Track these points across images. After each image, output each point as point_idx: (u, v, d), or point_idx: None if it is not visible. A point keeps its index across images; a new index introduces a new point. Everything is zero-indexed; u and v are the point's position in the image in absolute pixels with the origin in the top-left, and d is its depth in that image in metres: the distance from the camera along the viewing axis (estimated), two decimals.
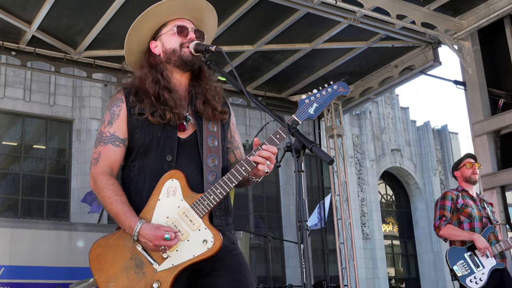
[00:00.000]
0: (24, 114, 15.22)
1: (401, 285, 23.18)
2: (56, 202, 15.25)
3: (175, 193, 2.48)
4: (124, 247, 2.48)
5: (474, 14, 8.25)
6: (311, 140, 2.17)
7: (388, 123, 23.13)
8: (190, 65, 2.65)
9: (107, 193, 2.51)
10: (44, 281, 8.72)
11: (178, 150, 2.57)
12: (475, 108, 8.30)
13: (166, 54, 2.67)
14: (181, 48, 2.64)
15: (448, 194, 5.53)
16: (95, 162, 2.60)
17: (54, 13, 7.57)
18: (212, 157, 2.59)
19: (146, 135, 2.57)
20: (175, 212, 2.47)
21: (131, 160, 2.62)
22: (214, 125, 2.66)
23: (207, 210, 2.45)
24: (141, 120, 2.57)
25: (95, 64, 8.83)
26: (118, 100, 2.65)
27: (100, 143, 2.60)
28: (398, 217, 23.49)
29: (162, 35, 2.70)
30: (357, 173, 21.38)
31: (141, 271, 2.43)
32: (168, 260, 2.43)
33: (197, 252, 2.42)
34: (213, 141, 2.63)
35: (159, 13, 2.68)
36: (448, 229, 5.36)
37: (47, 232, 9.26)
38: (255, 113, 18.68)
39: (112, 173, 2.59)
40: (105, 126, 2.62)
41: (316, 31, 8.61)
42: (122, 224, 2.46)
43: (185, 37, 2.66)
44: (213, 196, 2.45)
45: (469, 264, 5.26)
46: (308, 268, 2.06)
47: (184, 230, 2.44)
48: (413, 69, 9.49)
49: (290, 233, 18.22)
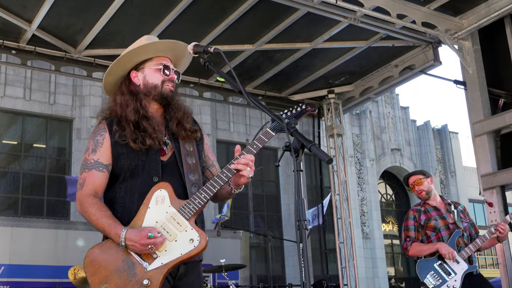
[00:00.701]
0: (24, 113, 15.23)
1: (401, 284, 23.19)
2: (56, 201, 15.26)
3: (163, 201, 2.67)
4: (116, 252, 2.62)
5: (474, 13, 8.24)
6: (310, 140, 2.18)
7: (388, 122, 23.13)
8: (167, 101, 2.89)
9: (92, 211, 2.67)
10: (44, 280, 8.75)
11: (162, 171, 2.77)
12: (475, 107, 8.29)
13: (146, 88, 2.88)
14: (162, 85, 2.87)
15: (410, 214, 5.64)
16: (80, 187, 2.77)
17: (54, 12, 7.56)
18: (193, 172, 2.82)
19: (131, 160, 2.76)
20: (164, 216, 2.64)
21: (119, 182, 2.80)
22: (190, 145, 2.88)
23: (193, 213, 2.62)
24: (125, 146, 2.77)
25: (95, 63, 8.83)
26: (101, 129, 2.83)
27: (85, 170, 2.79)
28: (398, 216, 23.49)
29: (145, 68, 2.92)
30: (357, 172, 21.39)
31: (132, 271, 2.57)
32: (158, 260, 2.58)
33: (184, 250, 2.58)
34: (191, 158, 2.85)
35: (150, 50, 2.91)
36: (415, 248, 5.46)
37: (47, 231, 9.29)
38: (255, 112, 18.70)
39: (97, 195, 2.76)
40: (89, 154, 2.80)
41: (316, 31, 8.61)
42: (110, 234, 2.62)
43: (167, 76, 2.90)
44: (198, 200, 2.63)
45: (440, 274, 5.26)
46: (308, 267, 2.08)
47: (172, 231, 2.61)
48: (413, 69, 9.48)
49: (290, 232, 18.21)
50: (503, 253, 7.57)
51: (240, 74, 2.45)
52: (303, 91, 10.51)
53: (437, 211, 5.55)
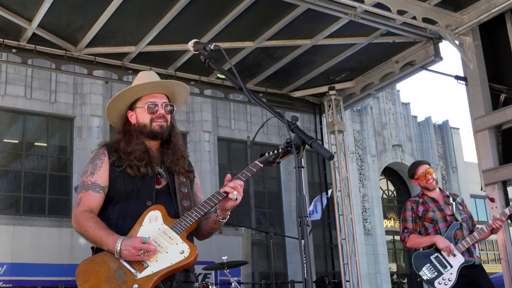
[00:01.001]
0: (25, 112, 15.24)
1: (402, 280, 23.22)
2: (57, 200, 15.28)
3: (156, 220, 2.79)
4: (109, 262, 2.69)
5: (475, 9, 8.22)
6: (311, 136, 2.17)
7: (389, 118, 23.13)
8: (160, 137, 3.03)
9: (87, 224, 2.78)
10: (46, 278, 8.76)
11: (156, 197, 2.92)
12: (476, 103, 8.28)
13: (139, 127, 3.03)
14: (151, 123, 3.00)
15: (408, 205, 5.68)
16: (77, 206, 2.89)
17: (54, 10, 7.56)
18: (185, 199, 2.97)
19: (127, 185, 2.90)
20: (156, 232, 2.75)
21: (112, 205, 2.92)
22: (183, 177, 3.05)
23: (184, 229, 2.74)
24: (123, 172, 2.92)
25: (95, 61, 8.82)
26: (101, 154, 3.00)
27: (82, 190, 2.92)
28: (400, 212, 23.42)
29: (137, 108, 3.07)
30: (358, 168, 21.39)
31: (123, 279, 2.63)
32: (148, 269, 2.65)
33: (174, 260, 2.67)
34: (184, 187, 3.01)
35: (133, 93, 3.06)
36: (412, 240, 5.48)
37: (49, 229, 9.30)
38: (256, 109, 18.69)
39: (93, 212, 2.87)
40: (87, 176, 2.95)
41: (317, 27, 8.60)
42: (106, 243, 2.69)
43: (154, 114, 3.01)
44: (190, 218, 2.78)
45: (436, 266, 5.27)
46: (309, 264, 2.07)
47: (163, 244, 2.71)
48: (414, 65, 9.46)
49: (292, 229, 18.23)
50: (505, 248, 7.56)
51: (240, 71, 2.44)
52: (303, 87, 10.50)
53: (435, 202, 5.57)
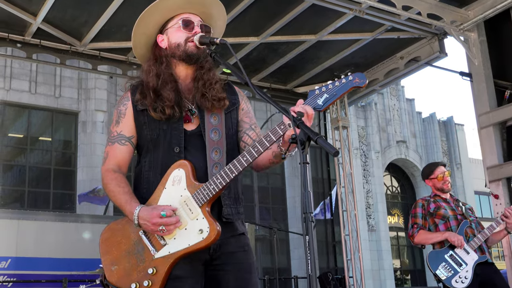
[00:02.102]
0: (30, 106, 15.28)
1: (406, 276, 23.22)
2: (62, 194, 15.33)
3: (180, 182, 2.53)
4: (130, 232, 2.57)
5: (480, 4, 8.19)
6: (316, 132, 2.17)
7: (394, 114, 23.09)
8: (194, 59, 2.66)
9: (110, 187, 2.62)
10: (50, 273, 8.78)
11: (186, 141, 2.62)
12: (481, 99, 8.26)
13: (171, 48, 2.69)
14: (186, 42, 2.65)
15: (419, 202, 5.63)
16: (103, 162, 2.71)
17: (59, 4, 7.57)
18: (216, 150, 2.61)
19: (153, 130, 2.63)
20: (177, 200, 2.51)
21: (143, 156, 2.70)
22: (216, 117, 2.68)
23: (206, 200, 2.46)
24: (147, 116, 2.64)
25: (100, 56, 8.83)
26: (124, 98, 2.73)
27: (108, 143, 2.72)
28: (404, 208, 23.49)
29: (169, 29, 2.72)
30: (362, 164, 21.38)
31: (141, 256, 2.52)
32: (166, 248, 2.49)
33: (192, 241, 2.46)
34: (216, 133, 2.64)
35: (164, 8, 2.70)
36: (421, 235, 5.43)
37: (53, 224, 9.33)
38: (261, 105, 18.68)
39: (120, 170, 2.68)
40: (113, 126, 2.72)
41: (322, 23, 8.58)
42: (125, 212, 2.54)
43: (190, 31, 2.67)
44: (213, 186, 2.46)
45: (451, 265, 5.22)
46: (313, 260, 2.07)
47: (183, 219, 2.48)
48: (419, 61, 9.45)
49: (295, 225, 18.25)
50: (509, 245, 7.55)
51: (245, 67, 2.42)
52: (308, 83, 10.49)
53: (447, 202, 5.55)
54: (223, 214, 2.59)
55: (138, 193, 2.63)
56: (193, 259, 2.52)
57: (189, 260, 2.51)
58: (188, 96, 2.68)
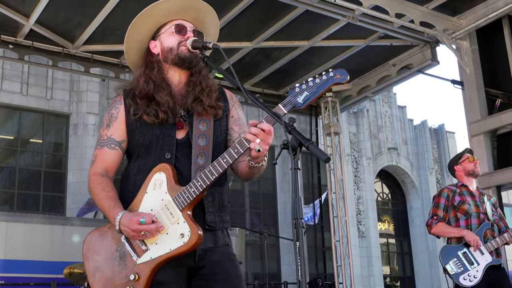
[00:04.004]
0: (21, 108, 15.18)
1: (395, 283, 23.23)
2: (52, 197, 15.23)
3: (161, 186, 2.50)
4: (112, 237, 2.56)
5: (472, 13, 8.25)
6: (308, 138, 2.16)
7: (385, 121, 23.14)
8: (187, 63, 2.65)
9: (96, 191, 2.59)
10: (39, 275, 8.73)
11: (177, 148, 2.60)
12: (472, 107, 8.31)
13: (163, 53, 2.69)
14: (178, 46, 2.65)
15: (444, 191, 5.48)
16: (91, 165, 2.68)
17: (52, 6, 7.55)
18: (201, 155, 2.59)
19: (145, 135, 2.61)
20: (159, 204, 2.49)
21: (133, 160, 2.67)
22: (204, 123, 2.65)
23: (186, 203, 2.44)
24: (139, 121, 2.62)
25: (92, 59, 8.82)
26: (117, 102, 2.71)
27: (97, 146, 2.69)
28: (394, 215, 23.52)
29: (161, 34, 2.72)
30: (353, 171, 21.39)
31: (124, 262, 2.50)
32: (147, 253, 2.47)
33: (173, 246, 2.43)
34: (203, 139, 2.62)
35: (156, 14, 2.70)
36: (439, 227, 5.34)
37: (43, 226, 9.27)
38: (253, 109, 18.66)
39: (107, 174, 2.65)
40: (104, 129, 2.69)
41: (315, 29, 8.61)
42: (108, 217, 2.52)
43: (183, 36, 2.66)
44: (194, 189, 2.43)
45: (463, 262, 5.17)
46: (304, 266, 2.06)
47: (164, 223, 2.46)
48: (411, 68, 9.50)
49: (286, 230, 18.22)
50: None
51: (238, 72, 2.42)
52: None
53: (473, 197, 5.42)
54: (206, 221, 2.56)
55: (123, 196, 2.61)
56: (177, 264, 2.50)
57: (173, 265, 2.49)
58: (180, 102, 2.65)
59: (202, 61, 2.66)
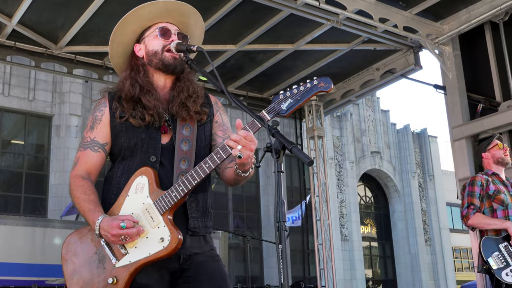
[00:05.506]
0: (3, 109, 15.03)
1: (378, 286, 23.35)
2: (33, 198, 15.09)
3: (142, 190, 2.49)
4: (92, 240, 2.54)
5: (455, 19, 8.33)
6: (291, 141, 2.17)
7: (369, 125, 23.27)
8: (171, 69, 2.65)
9: (76, 194, 2.56)
10: (19, 278, 8.64)
11: (161, 152, 2.59)
12: (455, 112, 8.38)
13: (148, 56, 2.67)
14: (163, 51, 2.64)
15: (477, 179, 5.05)
16: (73, 167, 2.65)
17: (35, 7, 7.49)
18: (184, 159, 2.58)
19: (130, 138, 2.59)
20: (140, 208, 2.48)
21: (117, 163, 2.64)
22: (188, 128, 2.64)
23: (167, 207, 2.43)
24: (125, 124, 2.60)
25: (76, 60, 8.77)
26: (101, 105, 2.68)
27: (80, 148, 2.66)
28: (377, 219, 23.65)
29: (146, 37, 2.70)
30: (336, 174, 21.47)
31: (102, 266, 2.48)
32: (127, 257, 2.45)
33: (153, 250, 2.42)
34: (186, 144, 2.61)
35: (141, 17, 2.69)
36: (478, 218, 4.89)
37: (24, 229, 9.18)
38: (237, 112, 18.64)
39: (89, 177, 2.62)
40: (87, 131, 2.66)
41: (299, 32, 8.64)
42: (88, 221, 2.50)
43: (167, 40, 2.65)
44: (175, 193, 2.42)
45: (505, 256, 4.78)
46: (286, 269, 2.06)
47: (145, 226, 2.45)
48: (394, 72, 9.56)
49: (269, 233, 18.23)
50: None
51: (222, 74, 2.42)
52: None
53: (506, 187, 5.05)
54: (189, 227, 2.55)
55: (106, 198, 2.60)
56: (160, 267, 2.50)
57: (157, 269, 2.49)
58: (165, 106, 2.64)
59: (186, 64, 2.65)
